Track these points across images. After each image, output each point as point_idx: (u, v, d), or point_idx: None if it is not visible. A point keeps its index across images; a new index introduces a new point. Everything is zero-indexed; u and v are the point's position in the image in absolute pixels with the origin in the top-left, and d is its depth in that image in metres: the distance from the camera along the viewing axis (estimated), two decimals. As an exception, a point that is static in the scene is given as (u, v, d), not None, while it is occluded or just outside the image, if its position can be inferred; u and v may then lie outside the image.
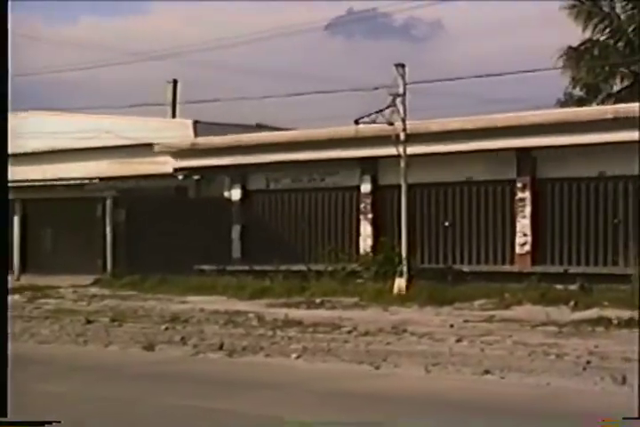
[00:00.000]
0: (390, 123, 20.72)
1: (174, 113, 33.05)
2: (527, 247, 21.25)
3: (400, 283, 20.35)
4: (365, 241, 23.35)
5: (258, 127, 28.24)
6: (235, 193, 25.76)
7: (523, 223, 21.34)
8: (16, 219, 29.74)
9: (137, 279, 24.67)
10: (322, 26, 69.12)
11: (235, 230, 25.55)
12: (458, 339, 13.69)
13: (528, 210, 21.28)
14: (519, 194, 21.43)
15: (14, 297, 21.00)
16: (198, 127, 26.77)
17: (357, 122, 20.93)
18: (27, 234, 30.36)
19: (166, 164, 26.23)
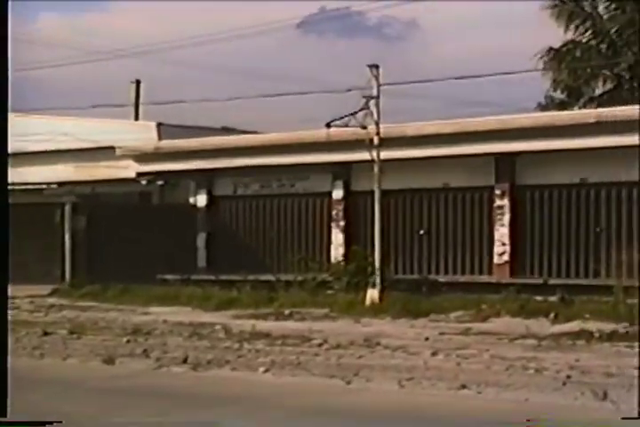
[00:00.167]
0: (363, 126, 20.48)
1: (137, 115, 32.64)
2: (505, 257, 21.05)
3: (373, 293, 20.15)
4: (337, 250, 23.14)
5: (224, 130, 28.02)
6: (200, 199, 25.45)
7: (501, 232, 21.14)
8: (-32, 226, 29.03)
9: (97, 289, 24.37)
10: (294, 24, 69.26)
11: (200, 238, 25.25)
12: (433, 352, 13.49)
13: (507, 218, 21.08)
14: (497, 201, 21.21)
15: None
16: (162, 130, 26.50)
17: (329, 125, 20.65)
18: (-21, 242, 29.67)
19: (129, 168, 25.86)
